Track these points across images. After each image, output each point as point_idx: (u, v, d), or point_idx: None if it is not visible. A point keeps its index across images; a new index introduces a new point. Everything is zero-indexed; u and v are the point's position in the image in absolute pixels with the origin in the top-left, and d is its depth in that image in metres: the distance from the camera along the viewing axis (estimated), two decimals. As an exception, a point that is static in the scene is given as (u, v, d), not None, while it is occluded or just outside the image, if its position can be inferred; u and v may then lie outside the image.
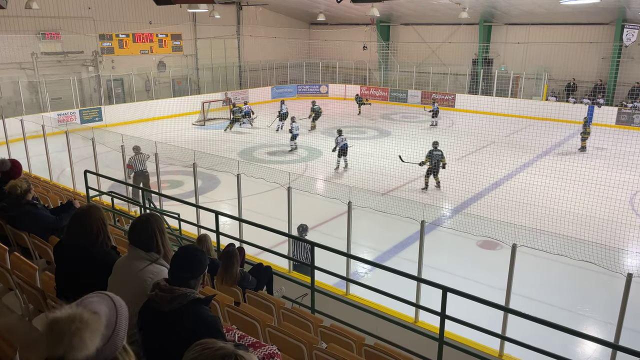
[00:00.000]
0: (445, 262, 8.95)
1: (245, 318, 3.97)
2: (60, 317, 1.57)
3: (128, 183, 9.36)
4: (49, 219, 4.72)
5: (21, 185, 4.62)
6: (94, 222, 3.18)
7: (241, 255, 5.62)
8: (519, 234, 6.20)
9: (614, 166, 15.00)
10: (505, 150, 17.64)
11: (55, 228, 4.68)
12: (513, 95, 25.37)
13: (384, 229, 10.67)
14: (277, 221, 7.65)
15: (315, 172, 15.01)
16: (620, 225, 10.31)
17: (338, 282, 7.12)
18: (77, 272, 3.11)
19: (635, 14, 21.49)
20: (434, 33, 28.62)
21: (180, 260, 2.57)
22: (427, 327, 5.89)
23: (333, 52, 30.94)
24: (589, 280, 8.59)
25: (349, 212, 6.95)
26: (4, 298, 3.94)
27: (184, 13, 25.44)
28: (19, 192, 4.60)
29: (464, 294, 4.57)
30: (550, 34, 24.63)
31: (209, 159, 13.07)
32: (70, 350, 1.54)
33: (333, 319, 5.38)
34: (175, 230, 8.14)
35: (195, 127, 22.12)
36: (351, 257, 6.47)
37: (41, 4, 18.80)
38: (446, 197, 12.82)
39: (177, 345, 2.28)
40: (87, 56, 22.72)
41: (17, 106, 19.49)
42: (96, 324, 1.61)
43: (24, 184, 4.65)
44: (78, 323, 1.56)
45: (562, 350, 4.46)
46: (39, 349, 2.64)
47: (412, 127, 21.80)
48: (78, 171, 11.17)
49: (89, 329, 1.57)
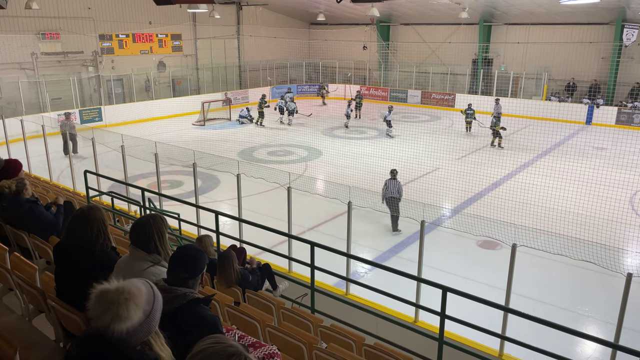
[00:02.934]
0: (445, 262, 8.95)
1: (245, 318, 3.97)
2: (109, 289, 1.73)
3: (128, 183, 9.36)
4: (48, 217, 4.71)
5: (9, 186, 4.57)
6: (94, 222, 3.17)
7: (242, 256, 5.64)
8: (519, 234, 6.21)
9: (614, 166, 15.00)
10: (505, 150, 17.65)
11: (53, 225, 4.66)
12: (513, 95, 25.36)
13: (384, 229, 10.67)
14: (277, 221, 7.66)
15: (315, 172, 15.01)
16: (620, 225, 10.30)
17: (338, 282, 7.12)
18: (77, 273, 3.11)
19: (635, 14, 21.49)
20: (434, 33, 28.63)
21: (178, 260, 2.58)
22: (427, 327, 5.89)
23: (333, 52, 30.95)
24: (589, 280, 8.59)
25: (349, 212, 6.95)
26: (4, 298, 3.94)
27: (183, 13, 25.44)
28: (7, 192, 4.56)
29: (464, 294, 4.57)
30: (550, 34, 24.63)
31: (209, 159, 13.06)
32: (115, 319, 1.69)
33: (333, 319, 5.38)
34: (175, 230, 8.14)
35: (195, 127, 22.12)
36: (351, 257, 6.47)
37: (41, 4, 18.79)
38: (446, 197, 12.82)
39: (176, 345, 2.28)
40: (87, 56, 22.72)
41: (17, 106, 19.49)
42: (139, 298, 1.77)
43: (13, 184, 4.60)
44: (125, 294, 1.73)
45: (562, 350, 4.46)
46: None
47: (412, 127, 21.80)
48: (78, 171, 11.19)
49: (133, 301, 1.74)
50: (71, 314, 2.93)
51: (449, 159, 16.19)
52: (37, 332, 3.38)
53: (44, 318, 3.53)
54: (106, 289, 1.74)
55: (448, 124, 23.15)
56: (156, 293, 1.89)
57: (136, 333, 1.77)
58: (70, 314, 2.93)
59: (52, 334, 3.32)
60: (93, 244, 3.15)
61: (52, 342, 3.25)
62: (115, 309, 1.70)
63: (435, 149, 17.35)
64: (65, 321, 3.05)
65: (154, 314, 1.85)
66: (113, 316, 1.70)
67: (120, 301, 1.72)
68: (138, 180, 12.66)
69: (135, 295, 1.75)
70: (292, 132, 20.91)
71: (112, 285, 1.75)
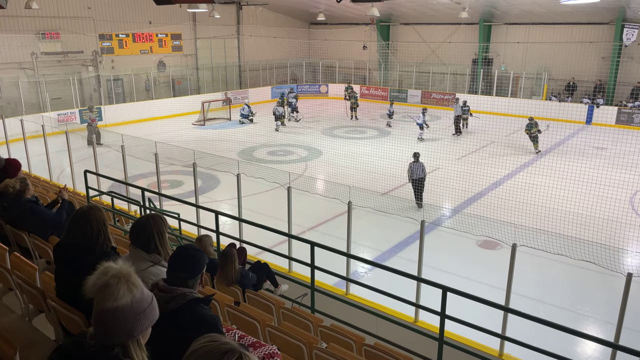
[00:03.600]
0: (445, 262, 8.95)
1: (245, 318, 3.97)
2: (113, 266, 1.81)
3: (128, 183, 9.36)
4: (49, 215, 4.71)
5: (13, 185, 4.58)
6: (95, 222, 3.17)
7: (243, 256, 5.64)
8: (519, 234, 6.21)
9: (614, 166, 15.00)
10: (505, 150, 17.65)
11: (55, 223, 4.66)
12: (513, 95, 25.36)
13: (384, 229, 10.67)
14: (277, 221, 7.66)
15: (315, 172, 15.01)
16: (620, 225, 10.30)
17: (338, 282, 7.12)
18: (76, 273, 3.11)
19: (635, 14, 21.49)
20: (433, 33, 28.62)
21: (178, 260, 2.57)
22: (427, 327, 5.89)
23: (333, 51, 30.95)
24: (589, 280, 8.59)
25: (349, 212, 6.95)
26: (4, 298, 3.94)
27: (183, 13, 25.44)
28: (11, 191, 4.56)
29: (464, 294, 4.57)
30: (550, 34, 24.63)
31: (209, 159, 13.06)
32: (106, 292, 1.76)
33: (333, 319, 5.38)
34: (175, 230, 8.14)
35: (195, 127, 22.12)
36: (351, 257, 6.47)
37: (41, 4, 18.79)
38: (446, 197, 12.82)
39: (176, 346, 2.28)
40: (87, 56, 22.72)
41: (17, 106, 19.49)
42: (136, 285, 1.81)
43: (17, 184, 4.60)
44: (125, 276, 1.79)
45: (562, 350, 4.46)
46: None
47: (412, 127, 21.78)
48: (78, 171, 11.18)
49: (130, 281, 1.79)
50: (71, 314, 2.93)
51: (449, 159, 16.18)
52: (37, 332, 3.38)
53: (44, 318, 3.53)
54: (110, 266, 1.81)
55: (448, 124, 23.15)
56: (154, 303, 1.90)
57: (119, 323, 1.75)
58: (70, 314, 2.93)
59: (52, 334, 3.32)
60: (93, 244, 3.15)
61: (52, 342, 3.25)
62: (113, 282, 1.75)
63: (435, 148, 17.35)
64: (65, 321, 3.05)
65: (142, 314, 1.82)
66: (105, 286, 1.74)
67: (120, 279, 1.77)
68: (138, 180, 12.65)
69: (133, 282, 1.80)
70: (292, 132, 20.91)
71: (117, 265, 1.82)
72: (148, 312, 1.83)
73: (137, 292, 1.80)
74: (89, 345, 1.78)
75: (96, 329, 1.78)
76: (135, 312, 1.78)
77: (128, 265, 1.85)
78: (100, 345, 1.76)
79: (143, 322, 1.81)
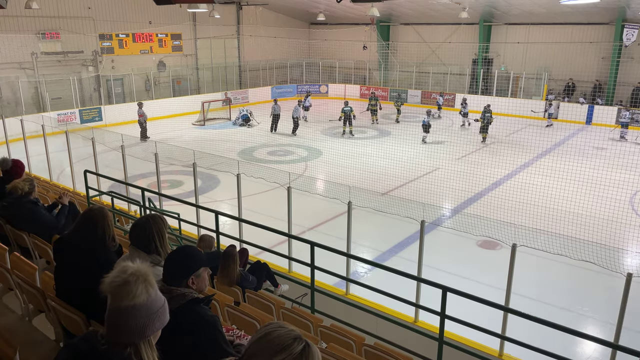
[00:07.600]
0: (445, 262, 8.95)
1: (245, 318, 3.97)
2: (130, 265, 1.81)
3: (128, 183, 9.36)
4: (49, 218, 4.72)
5: (22, 187, 4.62)
6: (100, 224, 3.20)
7: (244, 257, 5.63)
8: (519, 234, 6.21)
9: (614, 166, 15.00)
10: (505, 150, 17.64)
11: (53, 227, 4.67)
12: (513, 95, 25.36)
13: (384, 229, 10.66)
14: (277, 221, 7.66)
15: (315, 172, 15.01)
16: (620, 225, 10.30)
17: (338, 282, 7.12)
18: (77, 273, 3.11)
19: (635, 14, 21.49)
20: (434, 33, 28.62)
21: (174, 260, 2.57)
22: (427, 327, 5.89)
23: (333, 52, 30.94)
24: (589, 280, 8.59)
25: (349, 212, 6.95)
26: (4, 298, 3.94)
27: (183, 13, 25.43)
28: (20, 193, 4.60)
29: (464, 294, 4.57)
30: (550, 34, 24.63)
31: (209, 159, 13.06)
32: (125, 290, 1.74)
33: (333, 319, 5.37)
34: (175, 230, 8.14)
35: (195, 127, 22.12)
36: (351, 257, 6.47)
37: (41, 4, 18.79)
38: (446, 197, 12.82)
39: (176, 346, 2.28)
40: (87, 56, 22.71)
41: (17, 106, 19.49)
42: (152, 280, 1.81)
43: (26, 186, 4.64)
44: (143, 275, 1.79)
45: (562, 350, 4.46)
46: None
47: (412, 127, 21.77)
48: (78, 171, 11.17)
49: (147, 282, 1.79)
50: (71, 313, 2.93)
51: (449, 159, 16.19)
52: (37, 332, 3.38)
53: (44, 318, 3.53)
54: (128, 265, 1.80)
55: (448, 124, 23.15)
56: (166, 304, 1.90)
57: (133, 322, 1.75)
58: (70, 314, 2.93)
59: (52, 334, 3.32)
60: (97, 244, 3.16)
61: (52, 342, 3.25)
62: (131, 280, 1.75)
63: (435, 148, 17.35)
64: (65, 321, 3.05)
65: (156, 315, 1.82)
66: (123, 284, 1.74)
67: (139, 277, 1.77)
68: (138, 180, 12.65)
69: (148, 274, 1.81)
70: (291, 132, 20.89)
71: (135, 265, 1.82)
72: (161, 313, 1.83)
73: (153, 292, 1.80)
74: (100, 344, 1.77)
75: (109, 327, 1.77)
76: (150, 312, 1.78)
77: (146, 264, 1.85)
78: (112, 343, 1.75)
79: (156, 322, 1.81)
